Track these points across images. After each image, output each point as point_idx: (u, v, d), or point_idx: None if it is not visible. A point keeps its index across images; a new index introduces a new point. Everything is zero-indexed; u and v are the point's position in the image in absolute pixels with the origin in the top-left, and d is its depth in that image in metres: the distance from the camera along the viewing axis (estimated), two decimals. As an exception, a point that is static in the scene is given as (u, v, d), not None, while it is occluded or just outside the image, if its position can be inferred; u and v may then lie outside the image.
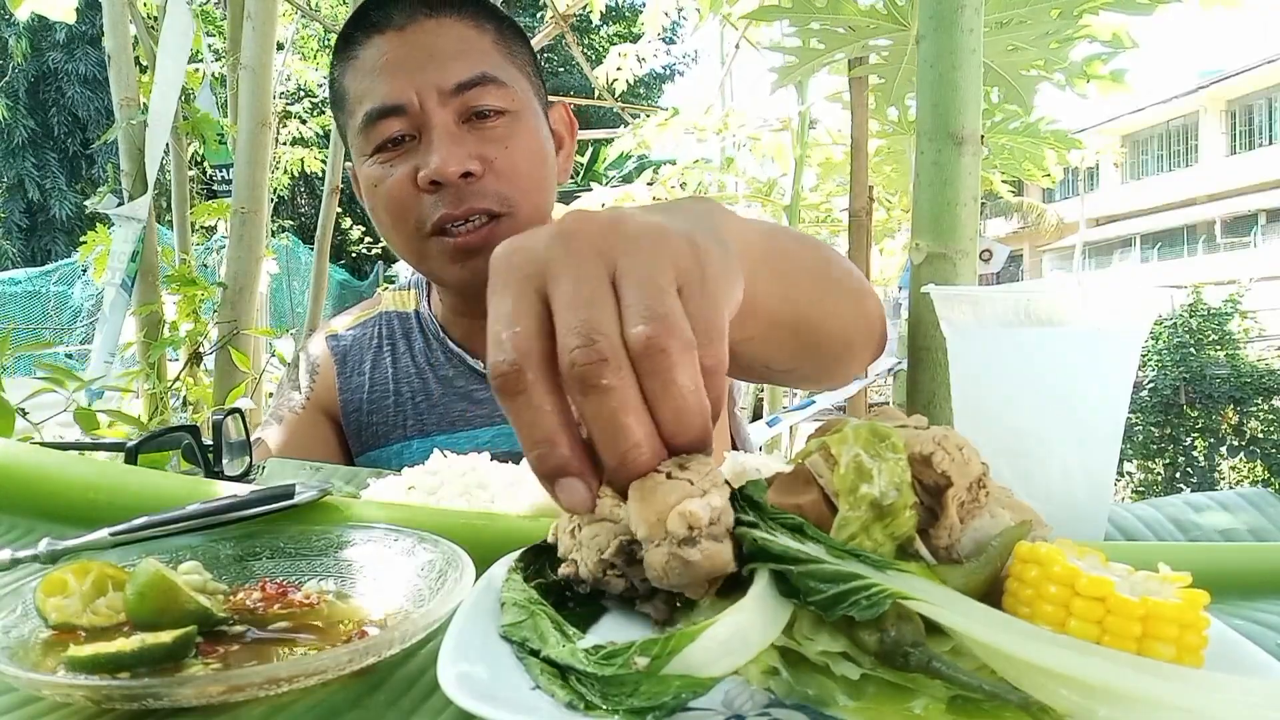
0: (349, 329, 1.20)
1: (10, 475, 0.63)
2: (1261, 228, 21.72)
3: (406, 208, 0.96)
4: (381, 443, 1.11)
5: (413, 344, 1.15)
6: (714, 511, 0.37)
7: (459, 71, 0.95)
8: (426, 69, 0.95)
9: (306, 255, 8.93)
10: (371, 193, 0.99)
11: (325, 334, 1.22)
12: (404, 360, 1.14)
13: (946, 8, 0.80)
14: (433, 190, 0.94)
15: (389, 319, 1.18)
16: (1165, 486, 5.49)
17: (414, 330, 1.16)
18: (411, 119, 0.95)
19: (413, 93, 0.94)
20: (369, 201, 1.02)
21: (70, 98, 16.51)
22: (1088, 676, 0.32)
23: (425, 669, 0.43)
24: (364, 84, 0.97)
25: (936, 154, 0.81)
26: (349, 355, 1.17)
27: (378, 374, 1.14)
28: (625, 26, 17.15)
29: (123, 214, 2.24)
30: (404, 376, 1.13)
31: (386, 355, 1.15)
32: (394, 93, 0.95)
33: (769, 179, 4.02)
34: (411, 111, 0.95)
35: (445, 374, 1.11)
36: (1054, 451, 0.64)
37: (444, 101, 0.95)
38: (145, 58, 2.56)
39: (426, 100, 0.94)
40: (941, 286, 0.72)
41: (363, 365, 1.16)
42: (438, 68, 0.95)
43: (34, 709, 0.40)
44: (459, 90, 0.95)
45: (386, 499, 0.66)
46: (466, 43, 0.98)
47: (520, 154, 0.98)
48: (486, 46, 1.00)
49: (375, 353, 1.16)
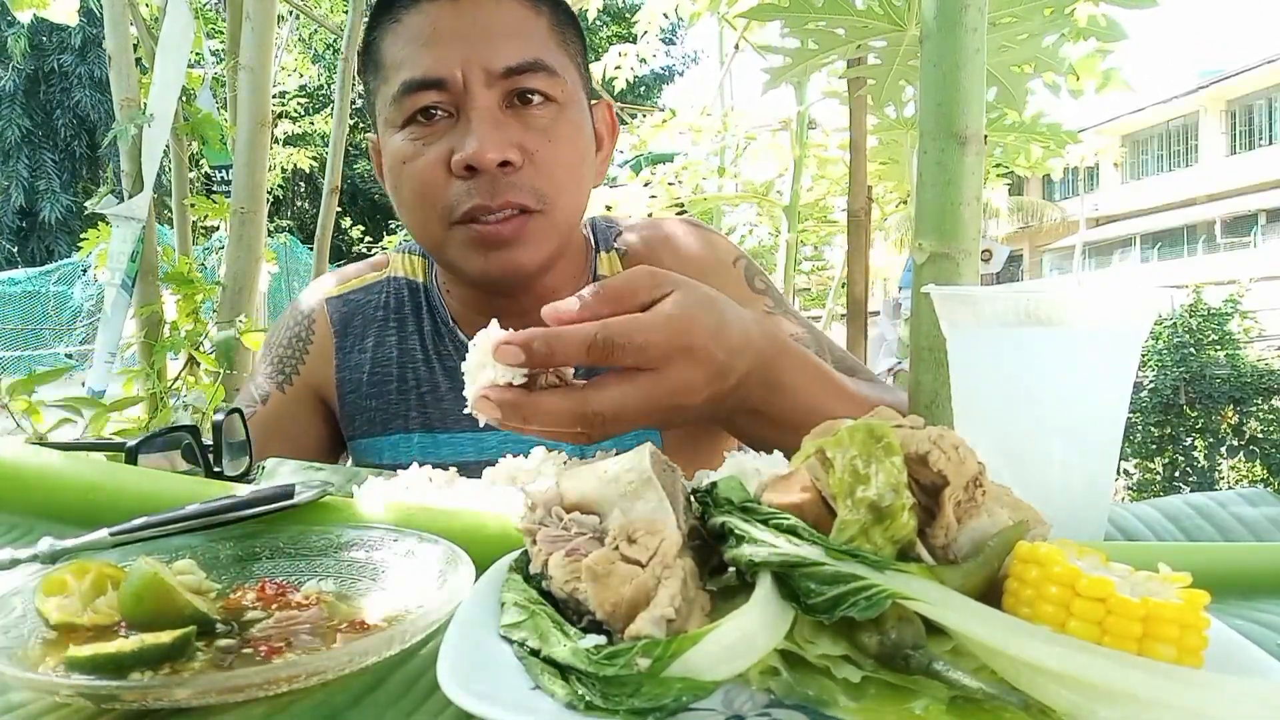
0: (350, 291, 1.09)
1: (10, 475, 0.63)
2: (1261, 228, 21.73)
3: (435, 191, 0.90)
4: (379, 431, 1.03)
5: (422, 324, 1.06)
6: (673, 600, 0.38)
7: (511, 53, 0.89)
8: (477, 45, 0.88)
9: (305, 255, 8.93)
10: (397, 169, 0.92)
11: (322, 295, 1.10)
12: (411, 341, 1.05)
13: (950, 7, 0.79)
14: (467, 176, 0.88)
15: (398, 286, 1.08)
16: (1165, 486, 5.49)
17: (423, 308, 1.06)
18: (452, 95, 0.89)
19: (458, 68, 0.88)
20: (392, 178, 0.94)
21: (79, 100, 16.54)
22: (1088, 677, 0.32)
23: (425, 669, 0.43)
24: (405, 50, 0.90)
25: (940, 154, 0.81)
26: (351, 325, 1.07)
27: (381, 352, 1.05)
28: (624, 27, 17.17)
29: (121, 213, 2.24)
30: (410, 361, 1.04)
31: (393, 331, 1.06)
32: (438, 65, 0.88)
33: (765, 180, 4.02)
34: (453, 88, 0.88)
35: (452, 366, 1.03)
36: (1054, 451, 0.64)
37: (490, 82, 0.89)
38: (148, 59, 2.56)
39: (471, 78, 0.88)
40: (942, 286, 0.72)
41: (365, 340, 1.06)
42: (489, 45, 0.89)
43: (34, 709, 0.40)
44: (508, 74, 0.89)
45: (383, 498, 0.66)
46: (522, 23, 0.92)
47: (563, 148, 0.92)
48: (542, 30, 0.93)
49: (381, 326, 1.06)
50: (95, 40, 14.95)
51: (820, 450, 0.41)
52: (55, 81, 16.76)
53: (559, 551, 0.42)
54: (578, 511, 0.44)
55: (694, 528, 0.44)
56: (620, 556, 0.39)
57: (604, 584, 0.38)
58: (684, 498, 0.45)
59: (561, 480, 0.46)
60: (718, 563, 0.43)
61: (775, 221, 4.21)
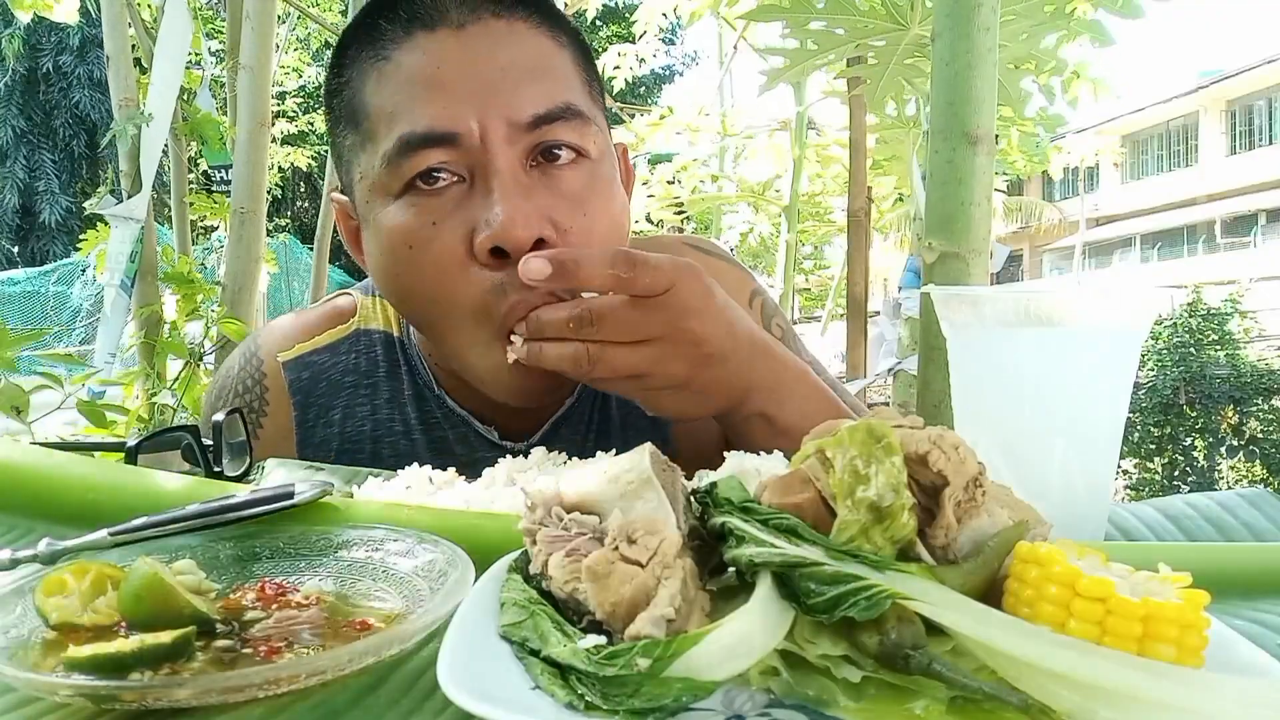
0: (314, 352, 0.90)
1: (10, 475, 0.63)
2: (1261, 228, 21.73)
3: (456, 285, 0.72)
4: None
5: (400, 388, 0.88)
6: (673, 600, 0.38)
7: (538, 99, 0.72)
8: (497, 90, 0.71)
9: (305, 255, 8.92)
10: (400, 253, 0.73)
11: (272, 358, 0.90)
12: (386, 411, 0.88)
13: (963, 7, 0.79)
14: (495, 264, 0.70)
15: (369, 342, 0.90)
16: (1164, 486, 5.49)
17: (399, 367, 0.89)
18: (465, 154, 0.71)
19: (473, 119, 0.70)
20: (387, 260, 0.75)
21: (78, 100, 16.53)
22: (1088, 677, 0.32)
23: (425, 669, 0.43)
24: (399, 96, 0.72)
25: (951, 153, 0.81)
26: (313, 395, 0.88)
27: (351, 425, 0.87)
28: (623, 27, 17.15)
29: (120, 214, 2.25)
30: (386, 435, 0.87)
31: (364, 399, 0.88)
32: (448, 116, 0.70)
33: (762, 181, 4.02)
34: (468, 144, 0.71)
35: (442, 435, 0.87)
36: (1054, 451, 0.64)
37: (513, 138, 0.71)
38: (146, 59, 2.56)
39: (490, 132, 0.70)
40: (942, 286, 0.72)
41: (331, 413, 0.88)
42: (510, 89, 0.72)
43: (34, 709, 0.40)
44: (535, 124, 0.72)
45: (383, 498, 0.66)
46: (546, 59, 0.75)
47: (600, 220, 0.75)
48: (568, 67, 0.77)
49: (350, 394, 0.88)
50: (94, 40, 14.95)
51: (820, 450, 0.41)
52: (54, 81, 16.76)
53: (559, 552, 0.42)
54: (578, 511, 0.44)
55: (694, 528, 0.44)
56: (620, 557, 0.39)
57: (604, 584, 0.38)
58: (684, 498, 0.45)
59: (561, 480, 0.46)
60: (718, 563, 0.43)
61: (775, 221, 4.21)
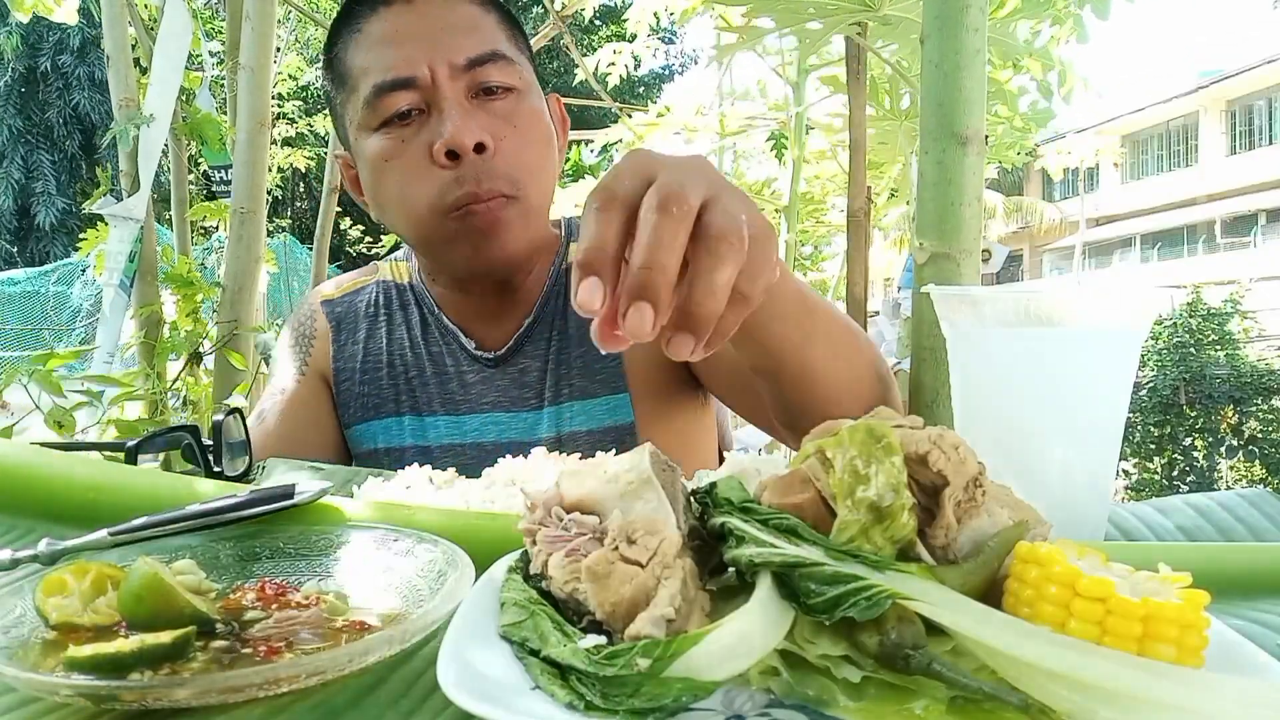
0: (344, 294, 1.18)
1: (10, 475, 0.63)
2: (1261, 228, 21.72)
3: (421, 183, 0.94)
4: (373, 415, 1.10)
5: (409, 316, 1.13)
6: (673, 600, 0.38)
7: (471, 47, 0.95)
8: (439, 41, 0.95)
9: (305, 255, 8.92)
10: (379, 166, 0.97)
11: (319, 299, 1.20)
12: (399, 332, 1.13)
13: (951, 7, 0.80)
14: (450, 165, 0.93)
15: (385, 287, 1.17)
16: (1164, 486, 5.49)
17: (410, 303, 1.14)
18: (422, 92, 0.94)
19: (424, 65, 0.93)
20: (373, 177, 0.99)
21: (77, 100, 16.52)
22: (1088, 677, 0.32)
23: (425, 669, 0.43)
24: (370, 56, 0.96)
25: (941, 154, 0.81)
26: (344, 322, 1.15)
27: (372, 344, 1.13)
28: (621, 27, 17.15)
29: (118, 214, 2.24)
30: (398, 350, 1.12)
31: (382, 325, 1.14)
32: (405, 65, 0.94)
33: (759, 180, 4.01)
34: (423, 85, 0.94)
35: (436, 351, 1.10)
36: (1054, 451, 0.64)
37: (455, 75, 0.94)
38: (146, 59, 2.56)
39: (438, 73, 0.93)
40: (942, 286, 0.72)
41: (357, 333, 1.14)
42: (450, 41, 0.95)
43: (34, 709, 0.40)
44: (470, 66, 0.95)
45: (383, 498, 0.66)
46: (476, 20, 0.99)
47: (527, 133, 0.97)
48: (494, 25, 1.00)
49: (370, 321, 1.14)
50: (93, 40, 14.94)
51: (820, 450, 0.41)
52: (52, 81, 16.74)
53: (559, 552, 0.42)
54: (577, 512, 0.44)
55: (694, 528, 0.44)
56: (620, 557, 0.39)
57: (604, 584, 0.38)
58: (684, 498, 0.45)
59: (561, 480, 0.46)
60: (718, 563, 0.44)
61: (774, 220, 4.20)
